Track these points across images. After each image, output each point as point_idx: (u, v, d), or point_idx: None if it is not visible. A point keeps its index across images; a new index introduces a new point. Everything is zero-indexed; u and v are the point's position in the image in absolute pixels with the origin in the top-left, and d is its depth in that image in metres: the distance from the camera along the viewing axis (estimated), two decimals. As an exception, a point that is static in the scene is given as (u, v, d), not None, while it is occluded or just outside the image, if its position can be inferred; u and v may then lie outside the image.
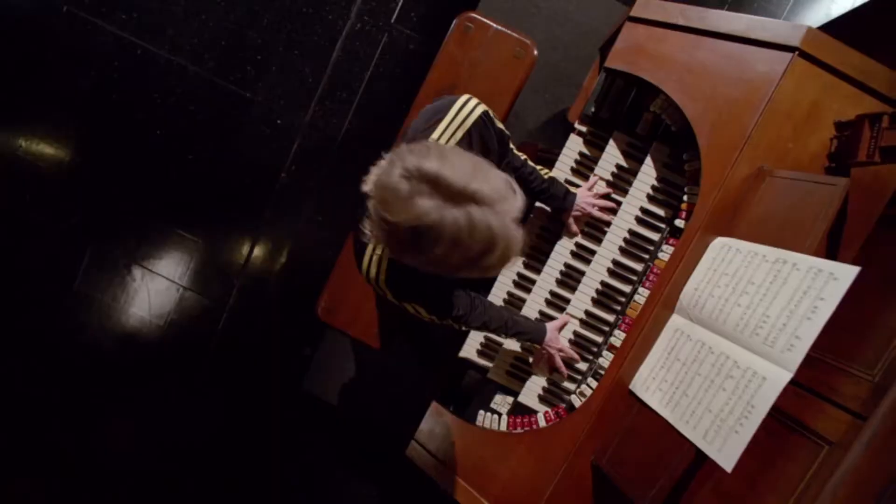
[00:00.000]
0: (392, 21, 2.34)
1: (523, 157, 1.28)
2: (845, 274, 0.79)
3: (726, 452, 0.86)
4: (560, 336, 1.31)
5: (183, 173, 2.46)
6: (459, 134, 1.04)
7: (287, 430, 2.58)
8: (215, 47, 2.38)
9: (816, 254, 0.88)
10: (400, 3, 2.34)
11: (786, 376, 0.83)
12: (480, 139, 1.08)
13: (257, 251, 2.52)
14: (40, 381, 2.59)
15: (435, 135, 1.02)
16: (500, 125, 1.20)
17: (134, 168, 2.46)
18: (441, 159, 0.77)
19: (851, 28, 1.51)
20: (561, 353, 1.29)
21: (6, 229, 2.49)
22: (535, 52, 1.59)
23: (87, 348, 2.58)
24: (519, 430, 1.26)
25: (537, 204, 1.41)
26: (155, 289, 2.54)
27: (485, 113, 1.08)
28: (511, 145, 1.24)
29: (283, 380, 2.56)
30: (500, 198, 0.78)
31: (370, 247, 1.04)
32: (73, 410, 2.61)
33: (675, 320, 1.08)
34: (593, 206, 1.30)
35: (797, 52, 1.02)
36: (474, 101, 1.08)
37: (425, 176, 0.75)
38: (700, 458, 0.96)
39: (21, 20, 2.34)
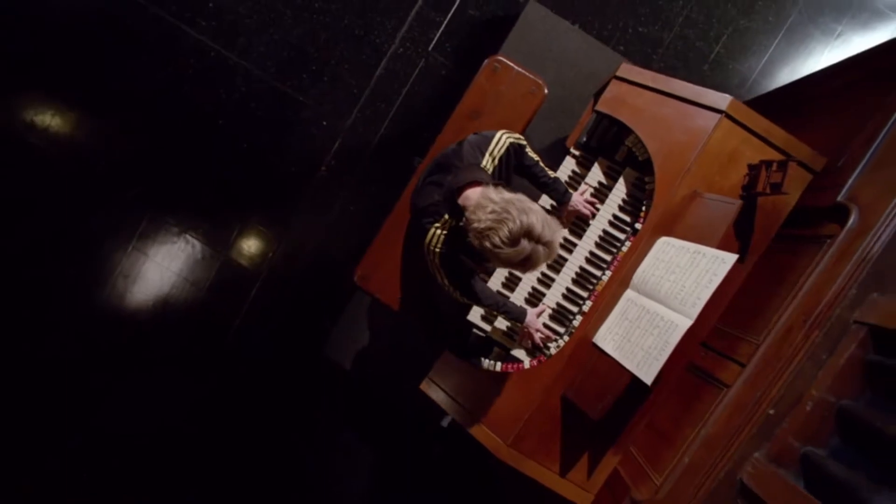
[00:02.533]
0: (430, 49, 2.79)
1: (536, 158, 1.69)
2: (729, 259, 1.24)
3: (649, 373, 1.29)
4: (538, 320, 1.72)
5: (237, 158, 2.83)
6: (497, 162, 1.53)
7: (301, 391, 2.94)
8: (278, 56, 2.79)
9: (719, 248, 1.32)
10: (437, 35, 2.78)
11: (688, 322, 1.26)
12: (507, 161, 1.57)
13: (293, 232, 2.89)
14: (58, 365, 2.84)
15: (483, 163, 1.51)
16: (517, 140, 1.63)
17: (195, 150, 2.82)
18: (527, 214, 1.28)
19: (805, 93, 1.94)
20: (538, 333, 1.69)
21: (79, 195, 2.87)
22: (546, 91, 2.03)
23: (130, 308, 2.92)
24: (510, 370, 1.68)
25: (540, 201, 1.84)
26: (198, 256, 2.93)
27: (511, 144, 1.55)
28: (527, 151, 1.66)
29: (302, 345, 2.93)
30: (549, 239, 1.30)
31: (434, 227, 1.49)
32: (75, 409, 2.87)
33: (628, 293, 1.52)
34: (583, 204, 1.72)
35: (724, 115, 1.48)
36: (505, 136, 1.55)
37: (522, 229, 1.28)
38: (634, 383, 1.39)
39: (114, 20, 2.71)
